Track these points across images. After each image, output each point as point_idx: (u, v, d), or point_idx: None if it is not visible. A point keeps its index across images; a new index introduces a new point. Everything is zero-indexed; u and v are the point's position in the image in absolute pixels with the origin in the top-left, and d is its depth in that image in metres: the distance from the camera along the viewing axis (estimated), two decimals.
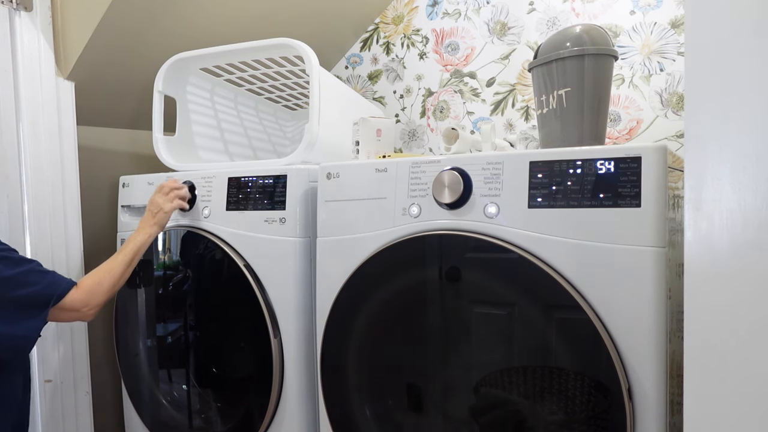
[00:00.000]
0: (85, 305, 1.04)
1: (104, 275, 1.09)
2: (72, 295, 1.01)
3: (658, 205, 0.78)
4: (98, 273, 1.09)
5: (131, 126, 1.67)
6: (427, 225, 0.97)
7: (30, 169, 1.31)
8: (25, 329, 0.95)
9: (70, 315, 1.04)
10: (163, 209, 1.20)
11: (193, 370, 1.31)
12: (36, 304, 0.97)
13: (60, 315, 1.02)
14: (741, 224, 0.53)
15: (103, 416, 1.54)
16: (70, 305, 1.01)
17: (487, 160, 0.92)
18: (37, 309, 0.97)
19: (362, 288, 1.04)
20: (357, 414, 1.05)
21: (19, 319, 0.95)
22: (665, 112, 1.36)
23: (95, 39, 1.28)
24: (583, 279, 0.83)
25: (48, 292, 0.98)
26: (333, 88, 1.36)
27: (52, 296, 0.98)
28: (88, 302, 1.04)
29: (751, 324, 0.53)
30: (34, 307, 0.97)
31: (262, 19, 1.52)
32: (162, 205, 1.20)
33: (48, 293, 0.98)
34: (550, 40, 1.02)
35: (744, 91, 0.53)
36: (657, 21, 1.35)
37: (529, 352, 0.88)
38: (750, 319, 0.53)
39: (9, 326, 0.94)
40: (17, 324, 0.95)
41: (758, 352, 0.53)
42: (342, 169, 1.07)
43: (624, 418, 0.78)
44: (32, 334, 0.97)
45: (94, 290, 1.06)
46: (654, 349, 0.78)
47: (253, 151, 1.72)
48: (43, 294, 0.98)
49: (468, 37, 1.63)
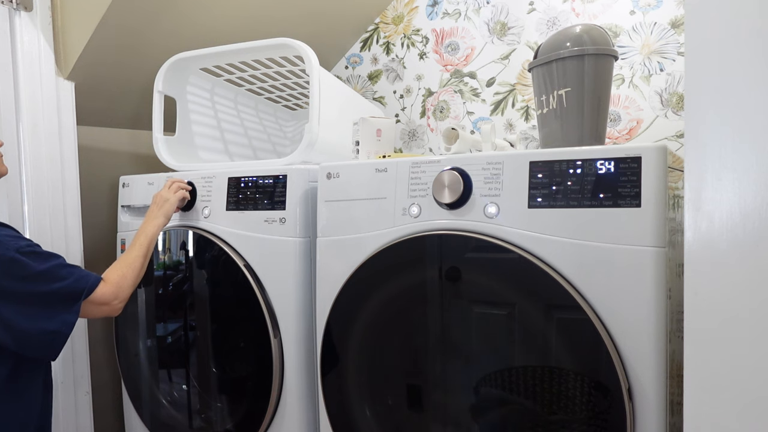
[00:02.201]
0: (115, 298, 1.03)
1: (126, 268, 1.08)
2: (102, 289, 1.01)
3: (658, 205, 0.78)
4: (120, 266, 1.08)
5: (131, 126, 1.67)
6: (427, 225, 0.97)
7: (30, 169, 1.31)
8: (59, 324, 0.94)
9: (101, 309, 1.02)
10: (169, 200, 1.21)
11: (193, 370, 1.31)
12: (67, 299, 0.96)
13: (90, 309, 1.01)
14: (741, 224, 0.53)
15: (103, 416, 1.54)
16: (100, 298, 1.00)
17: (487, 160, 0.92)
18: (68, 303, 0.96)
19: (362, 288, 1.04)
20: (357, 414, 1.05)
21: (52, 314, 0.94)
22: (665, 112, 1.36)
23: (95, 39, 1.28)
24: (583, 279, 0.83)
25: (79, 285, 0.97)
26: (333, 88, 1.36)
27: (83, 290, 0.97)
28: (117, 295, 1.04)
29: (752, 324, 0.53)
30: (65, 302, 0.96)
31: (262, 19, 1.52)
32: (167, 197, 1.22)
33: (79, 287, 0.97)
34: (550, 40, 1.02)
35: (744, 91, 0.53)
36: (657, 21, 1.35)
37: (529, 352, 0.88)
38: (750, 319, 0.53)
39: (41, 322, 0.93)
40: (50, 319, 0.94)
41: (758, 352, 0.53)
42: (342, 169, 1.07)
43: (624, 418, 0.78)
44: (65, 329, 0.95)
45: (122, 283, 1.05)
46: (654, 349, 0.78)
47: (253, 151, 1.72)
48: (75, 288, 0.96)
49: (468, 37, 1.63)
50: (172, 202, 1.22)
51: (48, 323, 0.93)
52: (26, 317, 0.92)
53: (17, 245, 0.92)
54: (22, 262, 0.91)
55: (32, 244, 0.96)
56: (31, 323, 0.92)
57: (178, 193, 1.24)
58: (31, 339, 0.93)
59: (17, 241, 0.94)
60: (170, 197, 1.22)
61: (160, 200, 1.22)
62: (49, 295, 0.94)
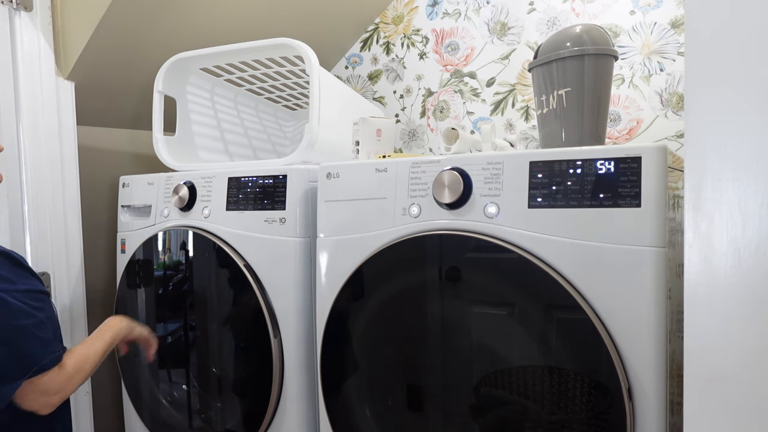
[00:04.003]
0: (59, 391, 0.88)
1: (85, 361, 0.94)
2: (52, 375, 0.86)
3: (658, 205, 0.78)
4: (79, 357, 0.94)
5: (131, 126, 1.67)
6: (427, 225, 0.97)
7: (30, 169, 1.31)
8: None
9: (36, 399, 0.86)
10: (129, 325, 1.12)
11: (193, 370, 1.32)
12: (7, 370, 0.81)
13: (26, 393, 0.85)
14: (741, 224, 0.53)
15: (103, 416, 1.54)
16: (44, 386, 0.85)
17: (487, 160, 0.92)
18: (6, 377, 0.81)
19: (362, 288, 1.04)
20: (357, 414, 1.05)
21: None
22: (665, 112, 1.36)
23: (95, 39, 1.28)
24: (583, 279, 0.83)
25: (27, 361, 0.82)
26: (333, 88, 1.36)
27: (29, 369, 0.82)
28: (62, 388, 0.88)
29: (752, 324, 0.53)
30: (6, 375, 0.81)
31: (262, 19, 1.52)
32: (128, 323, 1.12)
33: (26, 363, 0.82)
34: (550, 40, 1.02)
35: (744, 91, 0.53)
36: (657, 21, 1.35)
37: (529, 352, 0.88)
38: (750, 319, 0.53)
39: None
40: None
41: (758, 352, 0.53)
42: (342, 169, 1.07)
43: (624, 418, 0.78)
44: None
45: (74, 378, 0.90)
46: (654, 349, 0.78)
47: (253, 151, 1.72)
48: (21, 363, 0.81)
49: (468, 37, 1.63)
50: (126, 325, 1.11)
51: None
52: None
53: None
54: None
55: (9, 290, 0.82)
56: None
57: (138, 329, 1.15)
58: None
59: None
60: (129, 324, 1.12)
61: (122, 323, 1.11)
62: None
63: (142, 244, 1.37)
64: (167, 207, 1.34)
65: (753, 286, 0.53)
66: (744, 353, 0.54)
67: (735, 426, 0.55)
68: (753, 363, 0.54)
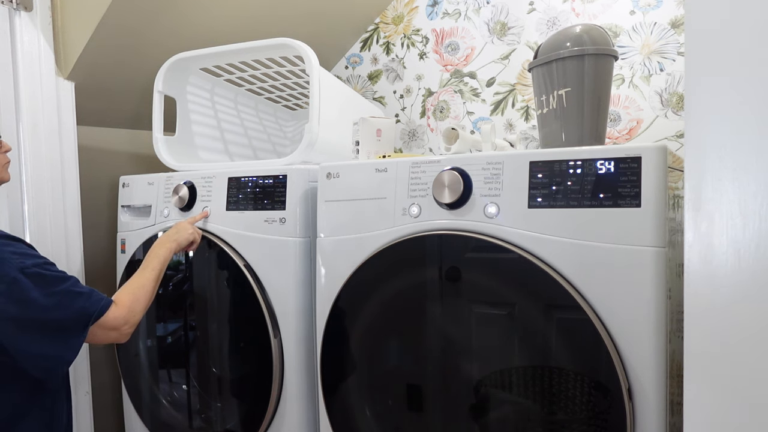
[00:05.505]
0: (125, 322, 0.97)
1: (139, 291, 1.02)
2: (113, 312, 0.94)
3: (658, 205, 0.78)
4: (133, 289, 1.02)
5: (131, 126, 1.67)
6: (427, 225, 0.97)
7: (30, 169, 1.31)
8: (61, 349, 0.89)
9: (109, 335, 0.96)
10: (187, 230, 1.18)
11: (193, 370, 1.32)
12: (73, 325, 0.90)
13: (98, 334, 0.94)
14: (741, 224, 0.53)
15: (103, 416, 1.55)
16: (111, 323, 0.94)
17: (487, 160, 0.92)
18: (73, 329, 0.90)
19: (362, 288, 1.04)
20: (357, 414, 1.05)
21: (53, 339, 0.88)
22: (665, 112, 1.36)
23: (95, 39, 1.28)
24: (583, 279, 0.83)
25: (88, 309, 0.91)
26: (333, 88, 1.36)
27: (92, 313, 0.91)
28: (128, 319, 0.97)
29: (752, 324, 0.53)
30: (69, 329, 0.90)
31: (262, 19, 1.52)
32: (187, 227, 1.19)
33: (88, 310, 0.91)
34: (550, 40, 1.02)
35: (744, 91, 0.53)
36: (657, 21, 1.35)
37: (529, 352, 0.88)
38: (750, 319, 0.53)
39: (42, 346, 0.88)
40: (51, 345, 0.88)
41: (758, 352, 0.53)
42: (342, 169, 1.07)
43: (624, 418, 0.78)
44: (68, 355, 0.89)
45: (134, 307, 0.99)
46: (654, 349, 0.78)
47: (253, 151, 1.72)
48: (83, 312, 0.90)
49: (468, 37, 1.63)
50: (189, 234, 1.18)
51: (47, 349, 0.88)
52: (25, 341, 0.86)
53: (22, 264, 0.87)
54: (23, 284, 0.85)
55: (40, 263, 0.90)
56: (30, 346, 0.87)
57: (196, 231, 1.20)
58: (29, 361, 0.88)
59: (23, 259, 0.88)
60: (189, 228, 1.19)
61: (180, 227, 1.18)
62: (52, 323, 0.88)
63: (142, 244, 1.37)
64: (167, 207, 1.34)
65: (753, 286, 0.53)
66: (744, 353, 0.54)
67: (735, 426, 0.55)
68: (753, 363, 0.54)
